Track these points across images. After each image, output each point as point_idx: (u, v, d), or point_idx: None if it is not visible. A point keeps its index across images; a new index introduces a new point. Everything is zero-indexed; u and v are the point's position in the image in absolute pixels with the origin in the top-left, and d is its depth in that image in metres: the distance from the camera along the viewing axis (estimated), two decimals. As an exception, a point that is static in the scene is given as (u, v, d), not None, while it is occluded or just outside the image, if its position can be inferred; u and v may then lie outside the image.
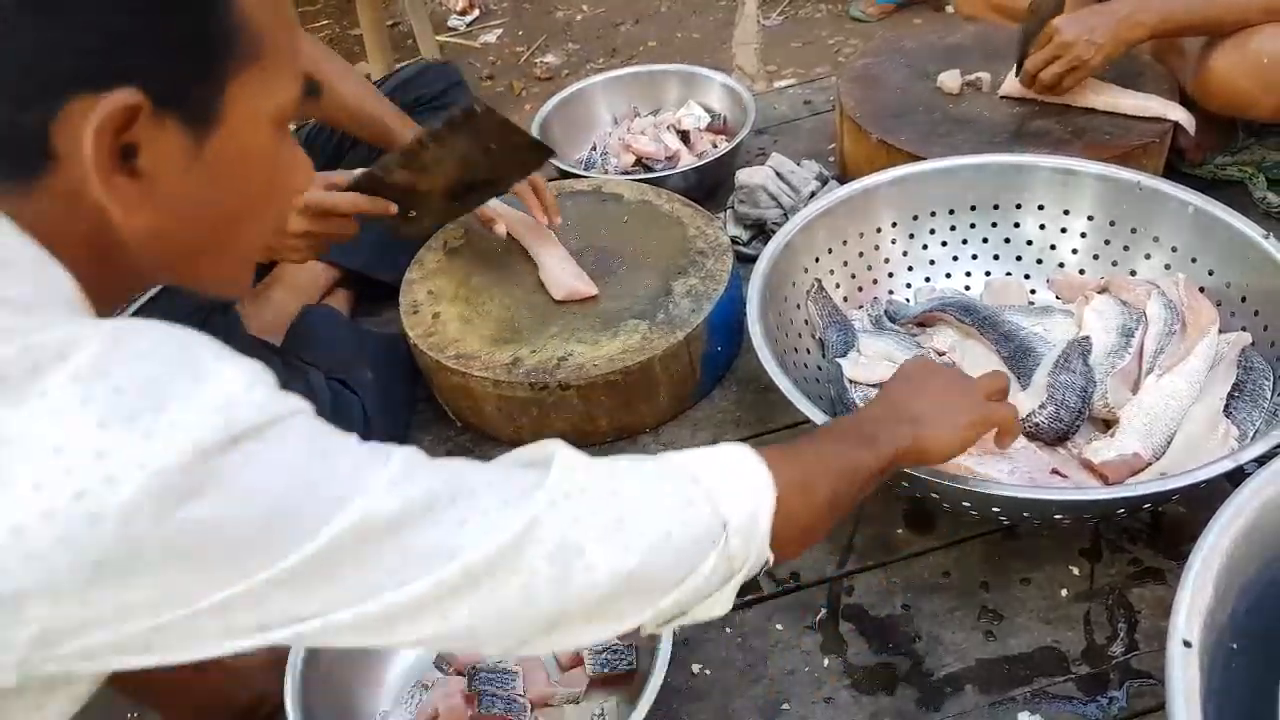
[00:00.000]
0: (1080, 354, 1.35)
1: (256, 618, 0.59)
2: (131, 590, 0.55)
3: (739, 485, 0.79)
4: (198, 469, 0.54)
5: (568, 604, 0.69)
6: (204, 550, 0.55)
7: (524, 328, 1.60)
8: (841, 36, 3.60)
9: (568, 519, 0.69)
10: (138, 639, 0.56)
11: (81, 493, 0.51)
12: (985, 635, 1.25)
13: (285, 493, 0.57)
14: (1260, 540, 1.01)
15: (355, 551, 0.60)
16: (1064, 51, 1.72)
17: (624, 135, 2.22)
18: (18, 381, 0.52)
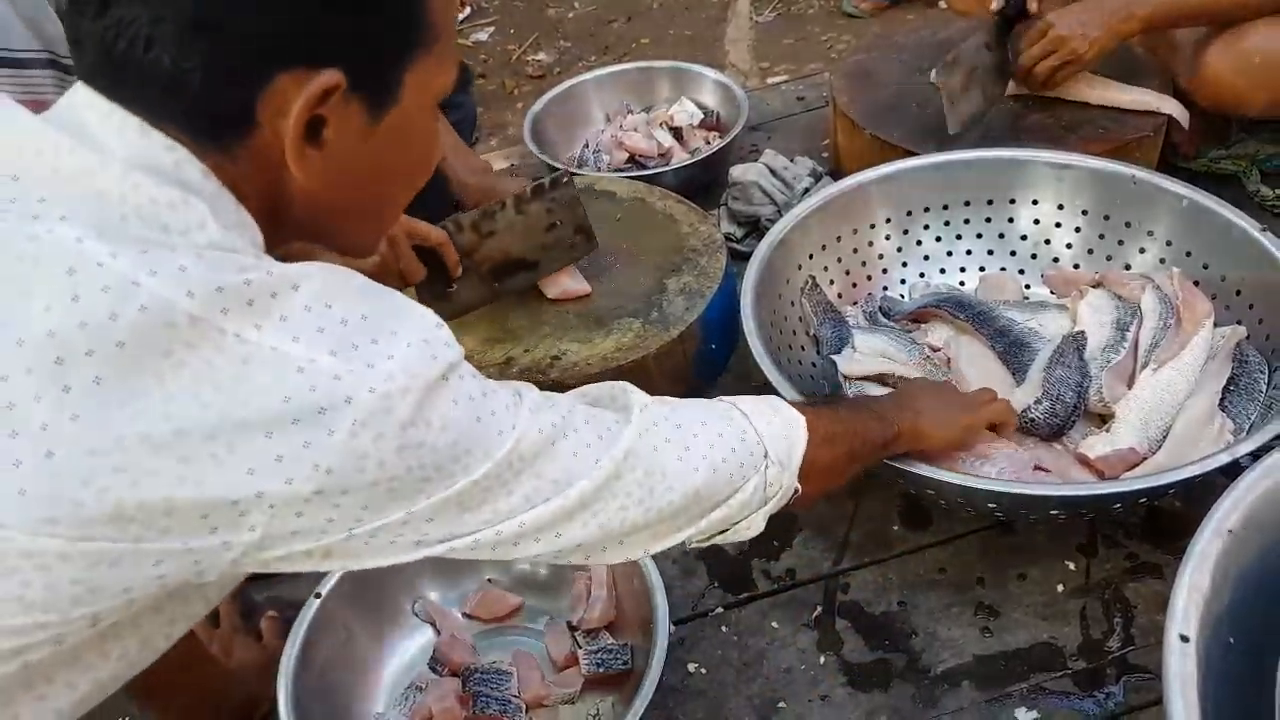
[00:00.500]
0: (1075, 349, 1.35)
1: (421, 534, 0.70)
2: (341, 505, 0.64)
3: (779, 424, 0.94)
4: (412, 397, 0.63)
5: (650, 518, 0.82)
6: (406, 470, 0.65)
7: (517, 327, 1.59)
8: (834, 33, 3.59)
9: (650, 448, 0.81)
10: (327, 549, 0.67)
11: (324, 408, 0.61)
12: (982, 631, 1.25)
13: (469, 425, 0.68)
14: (1257, 534, 1.00)
15: (504, 478, 0.71)
16: (1058, 45, 1.71)
17: (617, 132, 2.22)
18: (263, 305, 0.61)
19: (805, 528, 1.41)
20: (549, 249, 1.58)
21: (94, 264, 0.59)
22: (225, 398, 0.59)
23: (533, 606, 1.31)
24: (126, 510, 0.59)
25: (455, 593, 1.32)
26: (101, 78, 0.64)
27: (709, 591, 1.34)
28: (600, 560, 0.84)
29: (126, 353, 0.58)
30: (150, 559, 0.62)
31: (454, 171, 1.66)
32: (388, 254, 1.39)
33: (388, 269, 1.40)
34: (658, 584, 1.17)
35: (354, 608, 1.24)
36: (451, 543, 0.72)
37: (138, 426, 0.58)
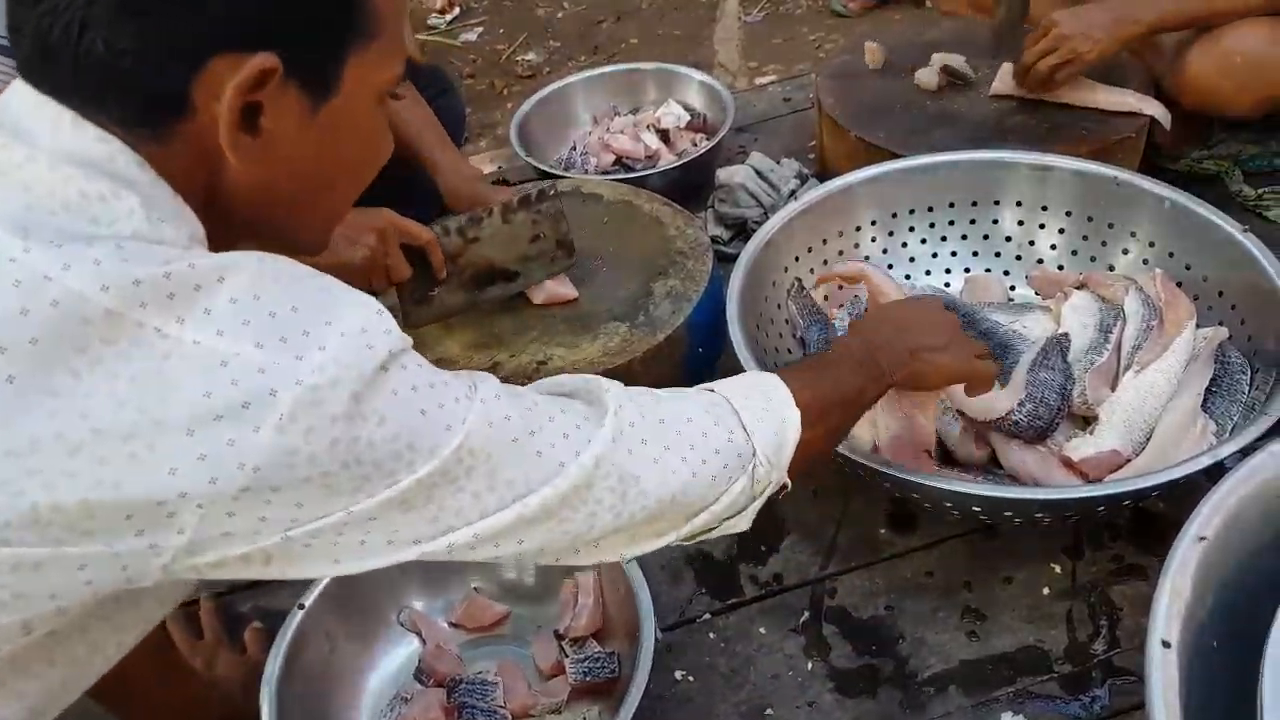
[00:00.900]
0: (1059, 351, 1.35)
1: (364, 535, 0.67)
2: (273, 504, 0.62)
3: (770, 419, 0.88)
4: (344, 389, 0.61)
5: (621, 524, 0.78)
6: (341, 466, 0.62)
7: (502, 332, 1.59)
8: (822, 33, 3.59)
9: (625, 451, 0.77)
10: (266, 553, 0.64)
11: (247, 403, 0.59)
12: (968, 635, 1.25)
13: (411, 418, 0.65)
14: (1239, 538, 1.00)
15: (453, 476, 0.67)
16: (1060, 44, 1.71)
17: (603, 135, 2.21)
18: (185, 298, 0.59)
19: (793, 531, 1.41)
20: (530, 260, 1.60)
21: (6, 259, 0.58)
22: (144, 395, 0.58)
23: (519, 615, 1.31)
24: (43, 514, 0.57)
25: (440, 602, 1.32)
26: (36, 71, 0.64)
27: (696, 597, 1.34)
28: (570, 561, 0.81)
29: (40, 350, 0.57)
30: (74, 563, 0.60)
31: (445, 177, 1.67)
32: (377, 249, 1.40)
33: (376, 264, 1.41)
34: (644, 591, 1.17)
35: (338, 618, 1.24)
36: (400, 549, 0.69)
37: (53, 426, 0.57)
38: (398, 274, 1.45)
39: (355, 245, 1.38)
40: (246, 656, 1.30)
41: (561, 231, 1.60)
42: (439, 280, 1.52)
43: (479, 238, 1.53)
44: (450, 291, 1.55)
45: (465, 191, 1.66)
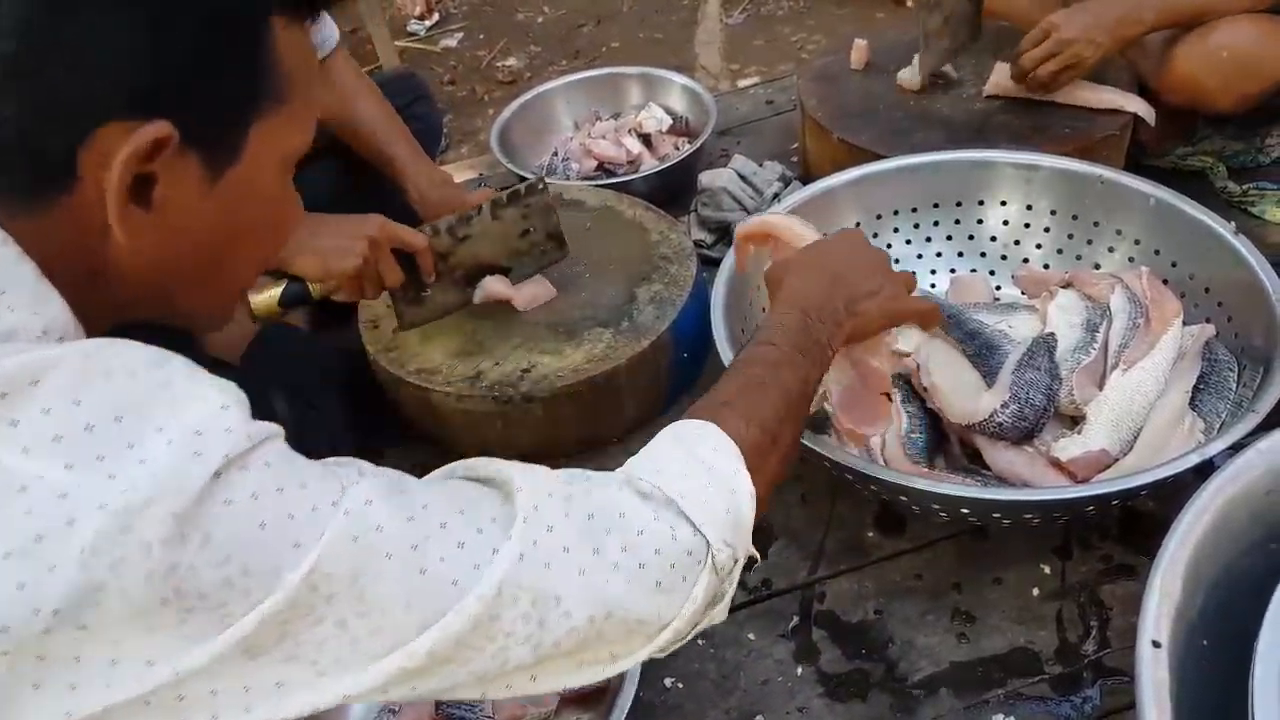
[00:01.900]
0: (1045, 351, 1.34)
1: (213, 687, 0.55)
2: (84, 657, 0.52)
3: (716, 494, 0.76)
4: (160, 508, 0.51)
5: (545, 654, 0.66)
6: (160, 603, 0.52)
7: (486, 340, 1.58)
8: (804, 33, 3.59)
9: (540, 566, 0.65)
10: (94, 710, 0.53)
11: (41, 535, 0.50)
12: (958, 638, 1.25)
13: (248, 534, 0.55)
14: (1228, 537, 1.00)
15: (307, 608, 0.56)
16: (1062, 49, 1.70)
17: (585, 140, 2.21)
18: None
19: (781, 535, 1.41)
20: (521, 254, 1.61)
21: None
22: None
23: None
24: None
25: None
26: None
27: (685, 604, 1.33)
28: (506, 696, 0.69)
29: None
30: None
31: (414, 184, 1.68)
32: (369, 258, 1.40)
33: (368, 273, 1.42)
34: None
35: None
36: (251, 715, 0.57)
37: None
38: (390, 281, 1.46)
39: (347, 255, 1.39)
40: None
41: (552, 224, 1.61)
42: (430, 283, 1.53)
43: (469, 235, 1.55)
44: (443, 290, 1.56)
45: (435, 197, 1.67)
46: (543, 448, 1.56)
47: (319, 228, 1.41)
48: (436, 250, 1.52)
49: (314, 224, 1.41)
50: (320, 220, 1.42)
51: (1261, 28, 1.65)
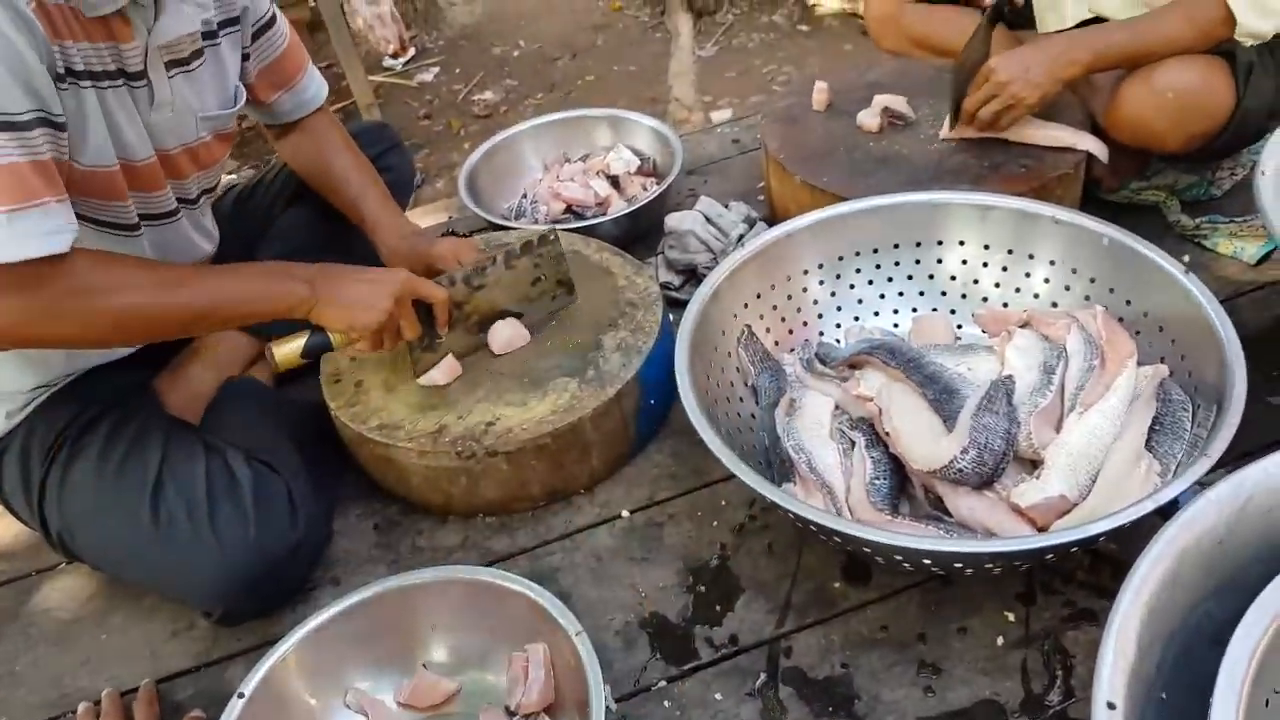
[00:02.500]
0: (1004, 395, 1.35)
1: None
2: None
3: None
4: None
5: None
6: None
7: (450, 392, 1.58)
8: (775, 65, 3.62)
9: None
10: None
11: None
12: (924, 691, 1.24)
13: None
14: (1182, 589, 1.00)
15: None
16: (1000, 90, 1.72)
17: (553, 183, 2.21)
18: None
19: (748, 588, 1.40)
20: (533, 301, 1.67)
21: None
22: None
23: (470, 691, 1.29)
24: None
25: (388, 681, 1.29)
26: None
27: (651, 664, 1.32)
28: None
29: None
30: None
31: (382, 238, 1.68)
32: (393, 312, 1.44)
33: (390, 326, 1.46)
34: (593, 664, 1.14)
35: (280, 706, 1.22)
36: None
37: None
38: (409, 334, 1.51)
39: (371, 310, 1.42)
40: None
41: (562, 271, 1.68)
42: (435, 337, 1.58)
43: (484, 285, 1.60)
44: (456, 337, 1.61)
45: (404, 249, 1.68)
46: (509, 501, 1.56)
47: (346, 281, 1.43)
48: (452, 299, 1.56)
49: (341, 276, 1.43)
50: (347, 273, 1.44)
51: (1205, 69, 1.66)
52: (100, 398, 1.49)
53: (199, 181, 1.54)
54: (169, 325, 1.34)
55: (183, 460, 1.43)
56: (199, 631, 1.47)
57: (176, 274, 1.34)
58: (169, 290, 1.29)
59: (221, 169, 1.59)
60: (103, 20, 1.27)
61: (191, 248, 1.58)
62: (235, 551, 1.36)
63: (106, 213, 1.37)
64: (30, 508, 1.46)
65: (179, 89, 1.41)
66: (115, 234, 1.40)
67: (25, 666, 1.49)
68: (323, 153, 1.75)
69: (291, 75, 1.69)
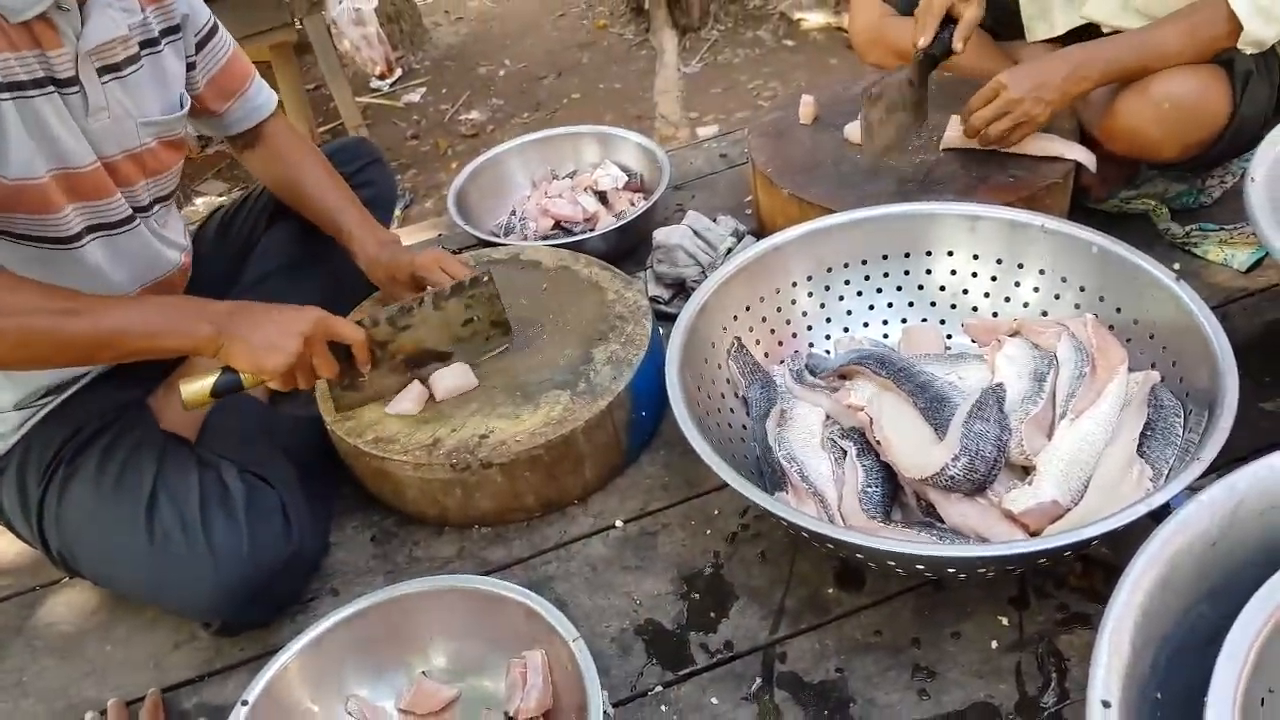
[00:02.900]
0: (994, 402, 1.36)
1: None
2: None
3: None
4: None
5: None
6: None
7: (444, 406, 1.58)
8: (760, 80, 3.65)
9: None
10: None
11: None
12: (919, 694, 1.24)
13: None
14: (1175, 592, 1.01)
15: None
16: (1012, 108, 1.72)
17: (541, 200, 2.22)
18: None
19: (742, 595, 1.41)
20: (464, 341, 1.64)
21: None
22: None
23: (469, 698, 1.29)
24: None
25: (388, 688, 1.29)
26: None
27: (647, 669, 1.33)
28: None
29: None
30: None
31: (361, 247, 1.70)
32: (302, 354, 1.41)
33: (302, 366, 1.43)
34: (591, 673, 1.15)
35: (283, 713, 1.22)
36: None
37: None
38: (324, 373, 1.48)
39: (278, 352, 1.39)
40: None
41: (496, 312, 1.64)
42: (367, 371, 1.55)
43: (410, 325, 1.57)
44: (381, 376, 1.58)
45: (384, 258, 1.70)
46: (503, 512, 1.56)
47: (255, 320, 1.40)
48: (375, 339, 1.54)
49: (250, 315, 1.40)
50: (256, 312, 1.42)
51: (1202, 78, 1.67)
52: (94, 417, 1.49)
53: (149, 189, 1.52)
54: (70, 351, 1.31)
55: (177, 475, 1.44)
56: (201, 642, 1.48)
57: (81, 303, 1.30)
58: (70, 318, 1.27)
59: (175, 177, 1.58)
60: (27, 27, 1.27)
61: (156, 257, 1.56)
62: (230, 564, 1.36)
63: (40, 227, 1.35)
64: (30, 527, 1.46)
65: (114, 95, 1.40)
66: (52, 248, 1.37)
67: (31, 678, 1.49)
68: (289, 164, 1.75)
69: (239, 82, 1.69)
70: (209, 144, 3.99)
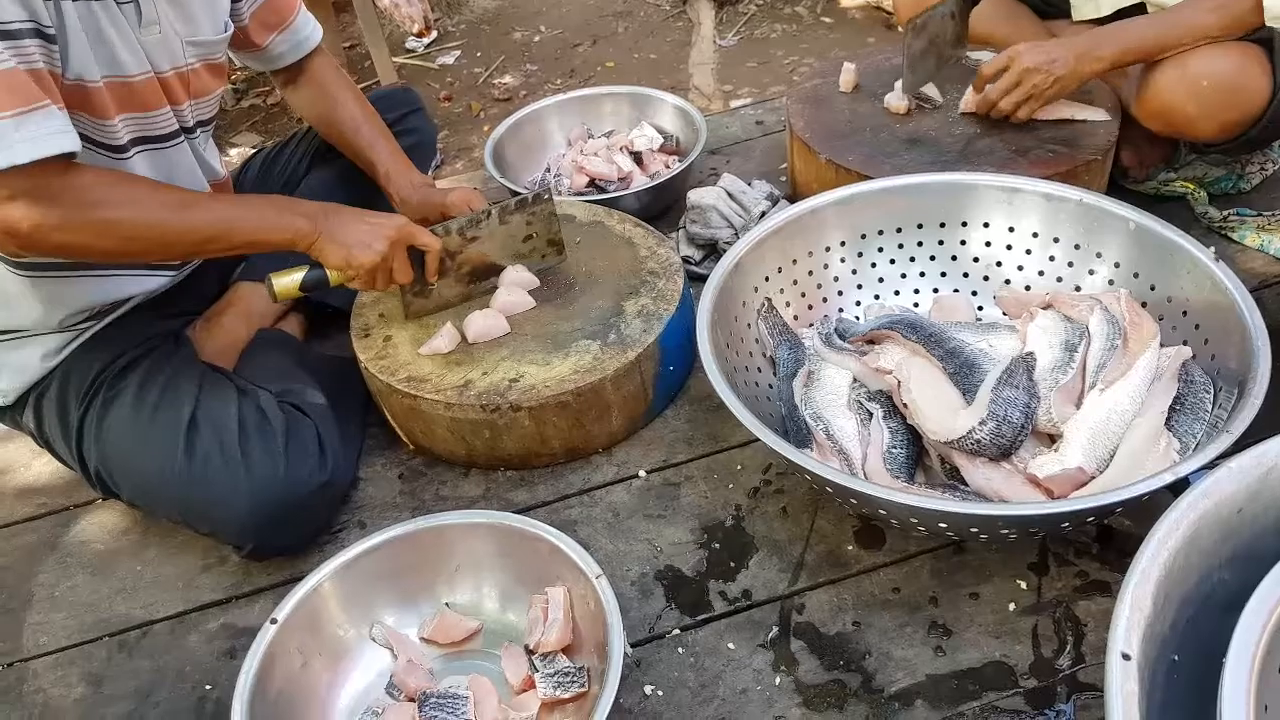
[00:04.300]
0: (1024, 370, 1.37)
1: None
2: None
3: None
4: None
5: None
6: None
7: (475, 349, 1.60)
8: (796, 56, 3.63)
9: None
10: None
11: None
12: (935, 650, 1.26)
13: None
14: (1199, 553, 1.02)
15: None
16: (1024, 79, 1.74)
17: (577, 157, 2.23)
18: None
19: (762, 548, 1.42)
20: (523, 257, 1.71)
21: None
22: None
23: (491, 630, 1.31)
24: None
25: (413, 618, 1.32)
26: None
27: (666, 613, 1.35)
28: None
29: None
30: None
31: (395, 187, 1.73)
32: (388, 254, 1.48)
33: (383, 268, 1.50)
34: (613, 608, 1.17)
35: (310, 633, 1.24)
36: None
37: None
38: (401, 279, 1.55)
39: (368, 250, 1.46)
40: None
41: (553, 231, 1.72)
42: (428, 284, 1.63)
43: (478, 237, 1.65)
44: (448, 285, 1.67)
45: (415, 199, 1.73)
46: (529, 456, 1.58)
47: (347, 221, 1.47)
48: (446, 249, 1.61)
49: (343, 216, 1.47)
50: (349, 213, 1.48)
51: (1241, 56, 1.65)
52: (135, 343, 1.52)
53: (194, 110, 1.53)
54: (176, 245, 1.37)
55: (216, 401, 1.46)
56: (230, 566, 1.51)
57: (186, 197, 1.37)
58: (177, 211, 1.33)
59: (216, 103, 1.60)
60: None
61: (194, 179, 1.58)
62: (266, 487, 1.39)
63: (96, 131, 1.37)
64: (69, 448, 1.49)
65: (163, 10, 1.42)
66: (103, 154, 1.40)
67: (64, 592, 1.53)
68: (330, 102, 1.78)
69: (284, 16, 1.71)
70: (244, 96, 4.01)
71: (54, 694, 1.38)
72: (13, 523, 1.66)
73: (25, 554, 1.60)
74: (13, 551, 1.61)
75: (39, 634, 1.46)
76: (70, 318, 1.47)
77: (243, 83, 3.96)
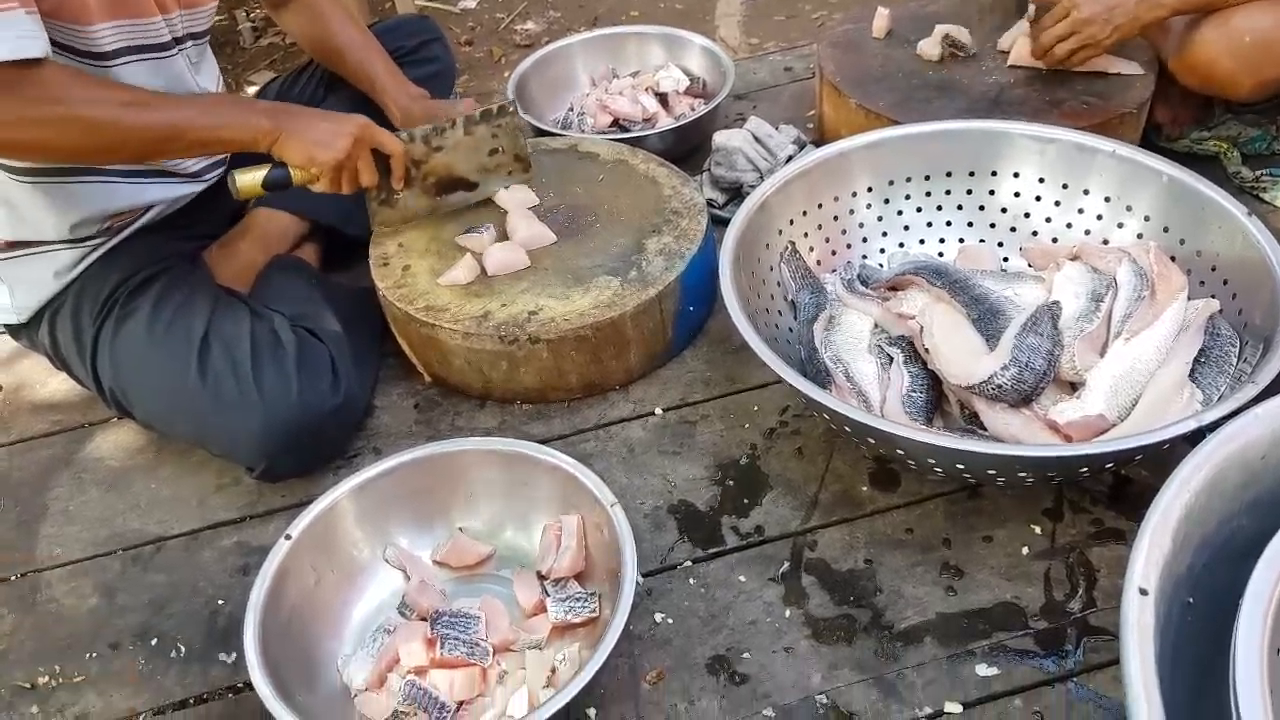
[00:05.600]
0: (1049, 318, 1.36)
1: None
2: None
3: None
4: None
5: None
6: None
7: (494, 281, 1.59)
8: (825, 10, 3.58)
9: None
10: None
11: None
12: (946, 590, 1.26)
13: None
14: (1220, 497, 1.01)
15: None
16: (1081, 28, 1.71)
17: (602, 96, 2.21)
18: None
19: (776, 486, 1.42)
20: (488, 172, 1.72)
21: None
22: None
23: (504, 555, 1.32)
24: None
25: (426, 540, 1.32)
26: None
27: (678, 546, 1.35)
28: None
29: None
30: None
31: (393, 99, 1.74)
32: (350, 154, 1.47)
33: (346, 168, 1.49)
34: (627, 536, 1.17)
35: (324, 551, 1.24)
36: None
37: None
38: (365, 180, 1.54)
39: (329, 148, 1.45)
40: None
41: (519, 146, 1.72)
42: (401, 188, 1.63)
43: (442, 146, 1.65)
44: (414, 196, 1.67)
45: (416, 110, 1.73)
46: (546, 390, 1.58)
47: (308, 119, 1.47)
48: (411, 157, 1.62)
49: (304, 115, 1.47)
50: (309, 113, 1.49)
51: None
52: (149, 262, 1.52)
53: (184, 21, 1.51)
54: (137, 142, 1.35)
55: (230, 322, 1.46)
56: (244, 487, 1.51)
57: (145, 96, 1.35)
58: (136, 110, 1.32)
59: (209, 17, 1.57)
60: None
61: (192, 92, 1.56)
62: (278, 408, 1.39)
63: (73, 38, 1.35)
64: (84, 365, 1.50)
65: None
66: (86, 62, 1.37)
67: (78, 507, 1.54)
68: (321, 22, 1.78)
69: None
70: (262, 35, 3.98)
71: (67, 604, 1.39)
72: (28, 438, 1.67)
73: (40, 469, 1.61)
74: (28, 466, 1.62)
75: (53, 546, 1.47)
76: (82, 225, 1.46)
77: (261, 20, 3.93)
